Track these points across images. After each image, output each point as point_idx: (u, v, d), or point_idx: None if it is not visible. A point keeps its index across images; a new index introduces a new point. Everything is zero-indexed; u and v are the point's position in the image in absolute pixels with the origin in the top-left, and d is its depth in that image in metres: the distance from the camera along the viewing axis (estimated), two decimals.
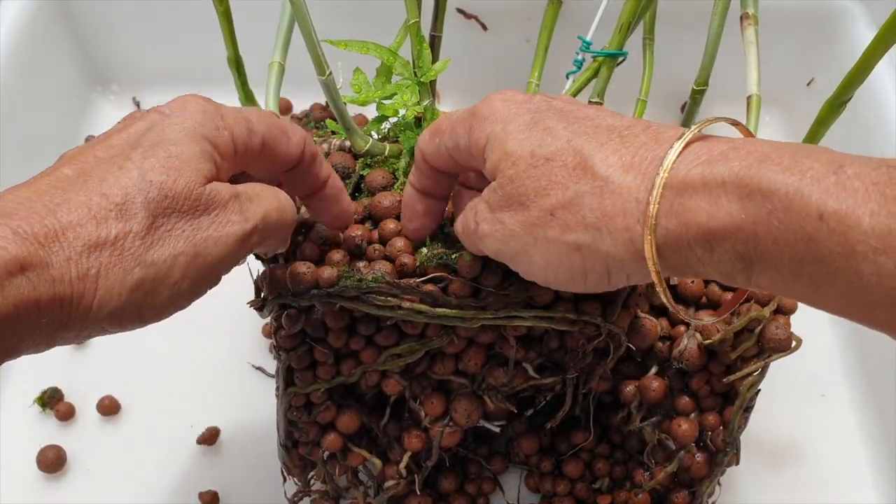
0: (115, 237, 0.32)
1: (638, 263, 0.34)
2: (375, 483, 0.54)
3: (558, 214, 0.35)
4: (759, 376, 0.50)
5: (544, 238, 0.36)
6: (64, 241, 0.31)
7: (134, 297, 0.33)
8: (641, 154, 0.34)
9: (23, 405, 0.65)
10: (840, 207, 0.28)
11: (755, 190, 0.30)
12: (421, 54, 0.52)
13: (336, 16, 0.77)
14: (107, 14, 0.79)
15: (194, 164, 0.35)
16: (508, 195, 0.37)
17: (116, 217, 0.32)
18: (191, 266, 0.34)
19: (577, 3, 0.66)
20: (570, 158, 0.35)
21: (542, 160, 0.36)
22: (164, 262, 0.33)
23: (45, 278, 0.31)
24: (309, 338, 0.48)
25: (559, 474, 0.57)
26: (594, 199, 0.34)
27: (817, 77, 0.78)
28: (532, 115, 0.37)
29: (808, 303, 0.32)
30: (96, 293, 0.32)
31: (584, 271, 0.36)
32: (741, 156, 0.31)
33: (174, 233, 0.34)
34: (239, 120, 0.39)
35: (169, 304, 0.34)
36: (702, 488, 0.53)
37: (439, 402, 0.49)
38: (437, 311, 0.43)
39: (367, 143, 0.50)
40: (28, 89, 0.74)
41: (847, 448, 0.65)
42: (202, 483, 0.61)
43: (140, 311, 0.34)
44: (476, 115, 0.39)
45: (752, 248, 0.30)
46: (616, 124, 0.36)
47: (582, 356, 0.48)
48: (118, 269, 0.32)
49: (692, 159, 0.32)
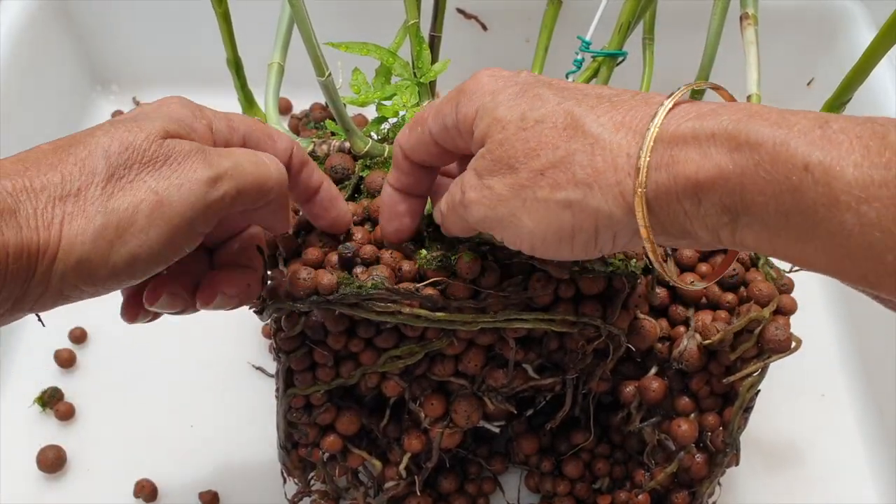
0: (77, 189, 0.33)
1: (628, 218, 0.34)
2: (375, 484, 0.54)
3: (548, 174, 0.35)
4: (759, 377, 0.50)
5: (533, 199, 0.36)
6: (32, 194, 0.33)
7: (98, 246, 0.33)
8: (632, 115, 0.34)
9: (23, 405, 0.65)
10: (825, 158, 0.28)
11: (743, 142, 0.30)
12: (420, 55, 0.52)
13: (335, 16, 0.77)
14: (107, 14, 0.79)
15: (158, 124, 0.36)
16: (497, 159, 0.37)
17: (80, 171, 0.34)
18: (155, 213, 0.34)
19: (577, 3, 0.66)
20: (561, 119, 0.35)
21: (531, 122, 0.36)
22: (125, 210, 0.33)
23: (11, 224, 0.32)
24: (308, 340, 0.48)
25: (559, 474, 0.57)
26: (585, 157, 0.34)
27: (817, 77, 0.78)
28: (521, 86, 0.38)
29: (791, 259, 0.32)
30: (61, 241, 0.33)
31: (571, 231, 0.36)
32: (730, 111, 0.32)
33: (136, 183, 0.34)
34: (219, 116, 0.40)
35: (139, 254, 0.34)
36: (702, 488, 0.53)
37: (439, 404, 0.49)
38: (436, 316, 0.43)
39: (367, 144, 0.50)
40: (28, 89, 0.74)
41: (847, 448, 0.65)
42: (202, 483, 0.61)
43: (108, 262, 0.34)
44: (463, 91, 0.39)
45: (739, 200, 0.31)
46: (604, 93, 0.37)
47: (582, 357, 0.48)
48: (81, 217, 0.33)
49: (682, 115, 0.33)
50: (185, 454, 0.63)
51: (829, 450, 0.65)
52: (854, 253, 0.28)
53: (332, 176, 0.49)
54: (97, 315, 0.64)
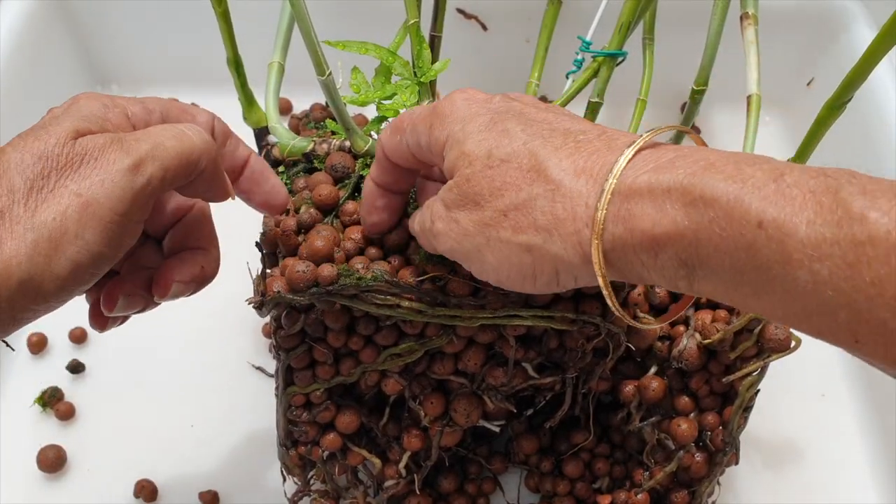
0: (0, 212, 0.32)
1: (586, 266, 0.34)
2: (375, 483, 0.54)
3: (511, 215, 0.35)
4: (759, 376, 0.50)
5: (497, 238, 0.36)
6: None
7: (36, 263, 0.32)
8: (593, 160, 0.35)
9: (23, 405, 0.65)
10: (778, 215, 0.28)
11: (698, 197, 0.30)
12: (421, 54, 0.52)
13: (336, 16, 0.77)
14: (107, 14, 0.79)
15: (67, 125, 0.35)
16: (464, 194, 0.37)
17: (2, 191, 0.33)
18: (84, 216, 0.33)
19: (577, 3, 0.66)
20: (526, 161, 0.35)
21: (497, 161, 0.36)
22: (53, 220, 0.33)
23: None
24: (308, 337, 0.48)
25: (559, 474, 0.57)
26: (546, 203, 0.35)
27: (817, 77, 0.78)
28: (491, 116, 0.38)
29: (747, 310, 0.33)
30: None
31: (533, 272, 0.36)
32: (687, 163, 0.32)
33: (57, 190, 0.33)
34: (131, 101, 0.39)
35: (81, 260, 0.33)
36: (701, 488, 0.53)
37: (439, 402, 0.49)
38: (435, 311, 0.43)
39: (367, 143, 0.50)
40: (28, 89, 0.74)
41: (847, 448, 0.65)
42: (202, 483, 0.61)
43: (52, 276, 0.33)
44: (437, 113, 0.39)
45: (695, 255, 0.31)
46: (572, 128, 0.37)
47: (581, 356, 0.48)
48: (10, 239, 0.32)
49: (641, 166, 0.33)
50: (185, 454, 0.63)
51: (829, 450, 0.64)
52: (809, 309, 0.29)
53: (332, 175, 0.49)
54: None
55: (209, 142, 0.38)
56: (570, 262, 0.35)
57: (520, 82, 0.59)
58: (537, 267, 0.36)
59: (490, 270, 0.38)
